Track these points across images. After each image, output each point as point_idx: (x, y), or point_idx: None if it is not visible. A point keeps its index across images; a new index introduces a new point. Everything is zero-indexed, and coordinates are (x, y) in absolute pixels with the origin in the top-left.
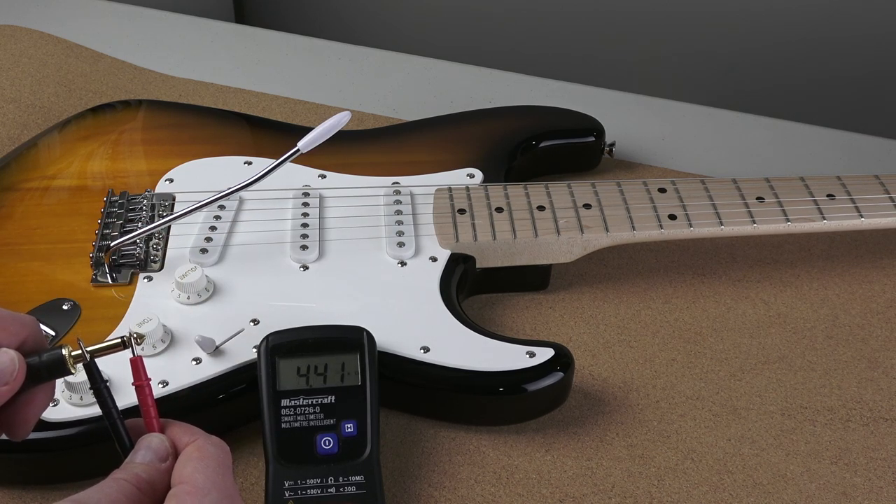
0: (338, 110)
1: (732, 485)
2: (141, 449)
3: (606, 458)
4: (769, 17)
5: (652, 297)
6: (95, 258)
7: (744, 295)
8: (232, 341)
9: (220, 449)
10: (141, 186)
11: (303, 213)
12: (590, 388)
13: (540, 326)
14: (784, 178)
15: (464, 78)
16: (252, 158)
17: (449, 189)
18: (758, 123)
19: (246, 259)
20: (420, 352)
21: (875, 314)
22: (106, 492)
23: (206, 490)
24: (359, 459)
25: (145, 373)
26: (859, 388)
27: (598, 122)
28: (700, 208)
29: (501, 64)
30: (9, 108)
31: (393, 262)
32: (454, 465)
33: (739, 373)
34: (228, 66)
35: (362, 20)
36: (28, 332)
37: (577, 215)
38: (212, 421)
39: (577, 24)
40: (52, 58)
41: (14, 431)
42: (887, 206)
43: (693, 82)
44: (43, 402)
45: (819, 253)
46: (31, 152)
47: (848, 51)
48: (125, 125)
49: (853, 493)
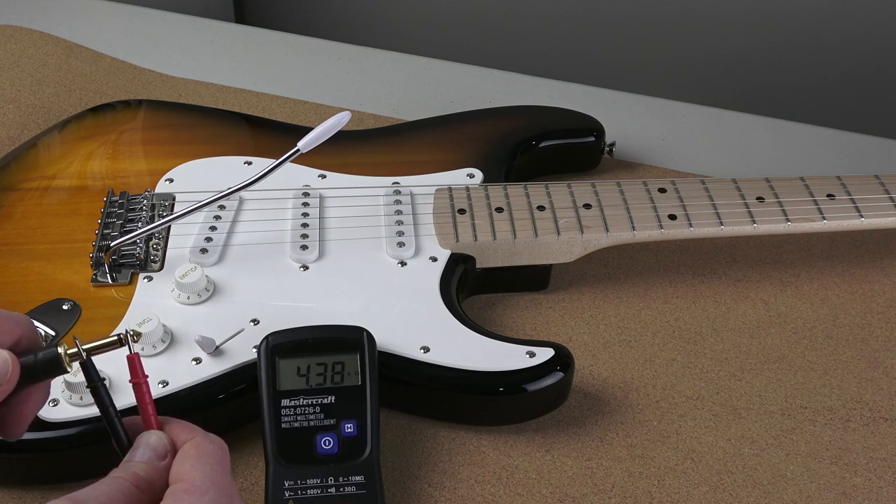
0: (338, 110)
1: (732, 485)
2: (139, 447)
3: (606, 458)
4: (769, 17)
5: (652, 297)
6: (95, 258)
7: (744, 295)
8: (232, 341)
9: (219, 447)
10: (141, 186)
11: (303, 213)
12: (590, 388)
13: (540, 326)
14: (784, 178)
15: (464, 78)
16: (252, 158)
17: (449, 189)
18: (758, 123)
19: (246, 259)
20: (420, 352)
21: (875, 314)
22: (105, 490)
23: (204, 488)
24: (359, 459)
25: (142, 370)
26: (859, 388)
27: (598, 122)
28: (700, 208)
29: (501, 64)
30: (9, 108)
31: (393, 262)
32: (454, 465)
33: (739, 373)
34: (228, 66)
35: (362, 20)
36: (22, 331)
37: (577, 215)
38: (212, 421)
39: (577, 24)
40: (52, 58)
41: (8, 431)
42: (887, 206)
43: (693, 82)
44: (38, 402)
45: (819, 253)
46: (31, 152)
47: (848, 51)
48: (125, 125)
49: (853, 493)
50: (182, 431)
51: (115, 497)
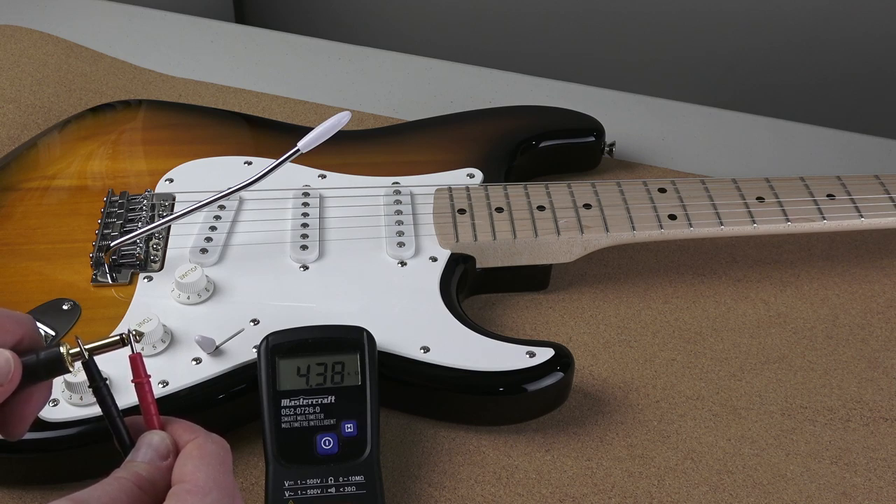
0: (338, 110)
1: (732, 485)
2: (142, 447)
3: (606, 458)
4: (769, 17)
5: (652, 297)
6: (95, 258)
7: (744, 295)
8: (232, 341)
9: (221, 447)
10: (141, 186)
11: (303, 213)
12: (590, 388)
13: (540, 326)
14: (784, 178)
15: (464, 78)
16: (252, 158)
17: (449, 189)
18: (758, 123)
19: (246, 259)
20: (420, 352)
21: (875, 314)
22: (107, 490)
23: (207, 489)
24: (359, 459)
25: (145, 370)
26: (859, 388)
27: (598, 122)
28: (700, 208)
29: (501, 64)
30: (9, 108)
31: (393, 262)
32: (454, 465)
33: (739, 373)
34: (228, 66)
35: (362, 20)
36: (24, 330)
37: (577, 215)
38: (212, 421)
39: (577, 24)
40: (52, 58)
41: (10, 430)
42: (887, 206)
43: (693, 82)
44: (40, 401)
45: (819, 253)
46: (31, 152)
47: (848, 51)
48: (125, 125)
49: (853, 493)
50: (184, 431)
51: (117, 497)
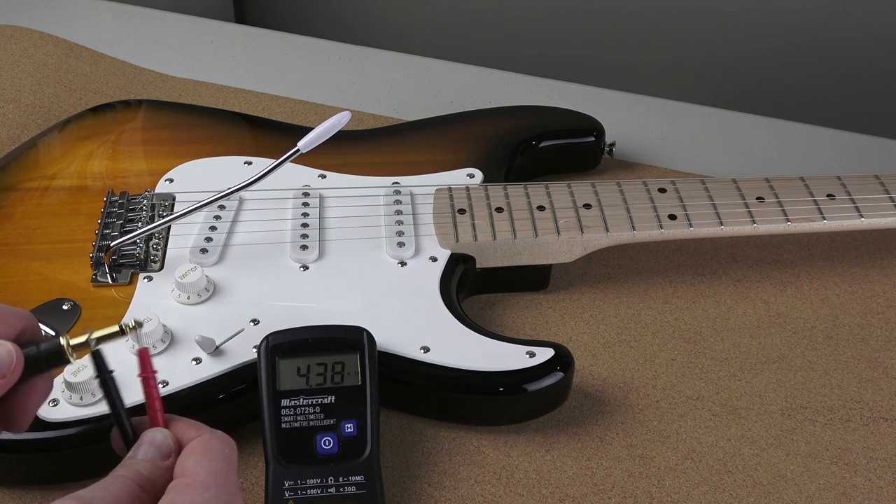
0: (338, 110)
1: (732, 485)
2: (143, 444)
3: (606, 458)
4: (769, 17)
5: (652, 297)
6: (95, 258)
7: (744, 295)
8: (232, 341)
9: (226, 444)
10: (141, 186)
11: (303, 213)
12: (590, 388)
13: (540, 326)
14: (784, 178)
15: (464, 78)
16: (252, 158)
17: (449, 189)
18: (758, 123)
19: (246, 259)
20: (420, 352)
21: (875, 314)
22: (108, 489)
23: (206, 484)
24: (359, 459)
25: (151, 365)
26: (859, 388)
27: (598, 122)
28: (700, 208)
29: (501, 64)
30: (9, 108)
31: (393, 262)
32: (454, 465)
33: (739, 373)
34: (228, 66)
35: (362, 20)
36: (25, 323)
37: (577, 215)
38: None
39: (577, 24)
40: (52, 58)
41: (13, 423)
42: (887, 206)
43: (693, 82)
44: (42, 394)
45: (819, 253)
46: (31, 152)
47: (848, 51)
48: (125, 125)
49: (853, 493)
50: (189, 429)
51: (118, 496)
